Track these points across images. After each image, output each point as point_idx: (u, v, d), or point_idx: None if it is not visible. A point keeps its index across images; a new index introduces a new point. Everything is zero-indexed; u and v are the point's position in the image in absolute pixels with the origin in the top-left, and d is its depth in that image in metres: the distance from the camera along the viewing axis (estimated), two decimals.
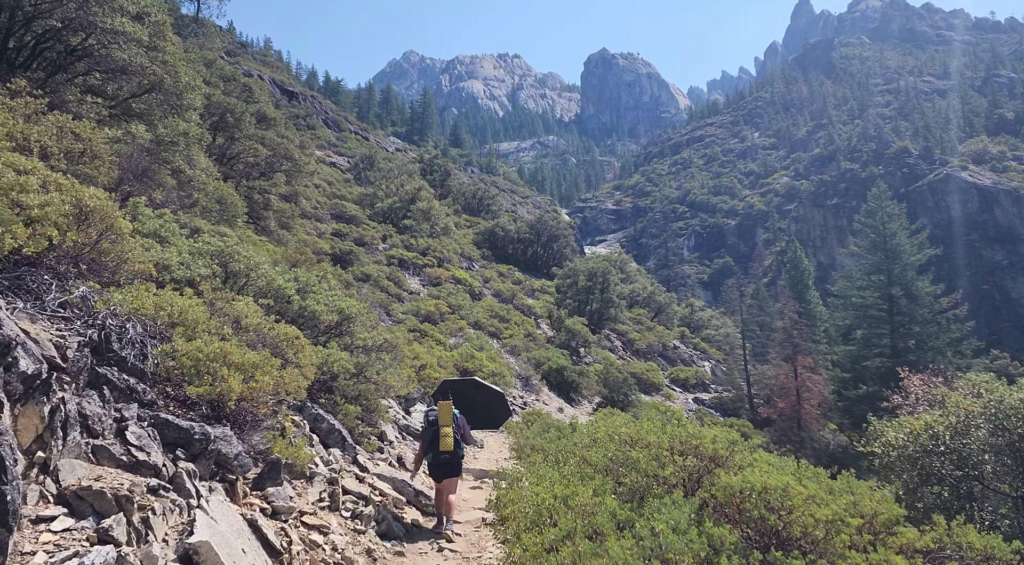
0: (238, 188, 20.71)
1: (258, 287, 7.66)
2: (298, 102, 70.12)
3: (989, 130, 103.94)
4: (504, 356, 30.90)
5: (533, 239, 57.39)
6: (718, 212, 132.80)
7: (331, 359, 8.25)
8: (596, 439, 5.56)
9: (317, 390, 8.37)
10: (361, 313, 9.48)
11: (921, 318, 38.68)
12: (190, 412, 4.91)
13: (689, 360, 51.54)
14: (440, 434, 7.65)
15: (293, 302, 8.44)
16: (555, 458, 6.08)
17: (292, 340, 6.42)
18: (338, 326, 9.18)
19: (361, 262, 35.15)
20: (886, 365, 39.70)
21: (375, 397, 8.92)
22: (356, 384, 8.73)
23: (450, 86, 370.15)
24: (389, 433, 10.18)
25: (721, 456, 4.52)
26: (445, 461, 7.65)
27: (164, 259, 6.19)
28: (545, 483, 4.53)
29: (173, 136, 13.67)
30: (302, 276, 9.27)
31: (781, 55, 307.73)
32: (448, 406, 7.88)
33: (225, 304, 5.82)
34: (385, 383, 9.13)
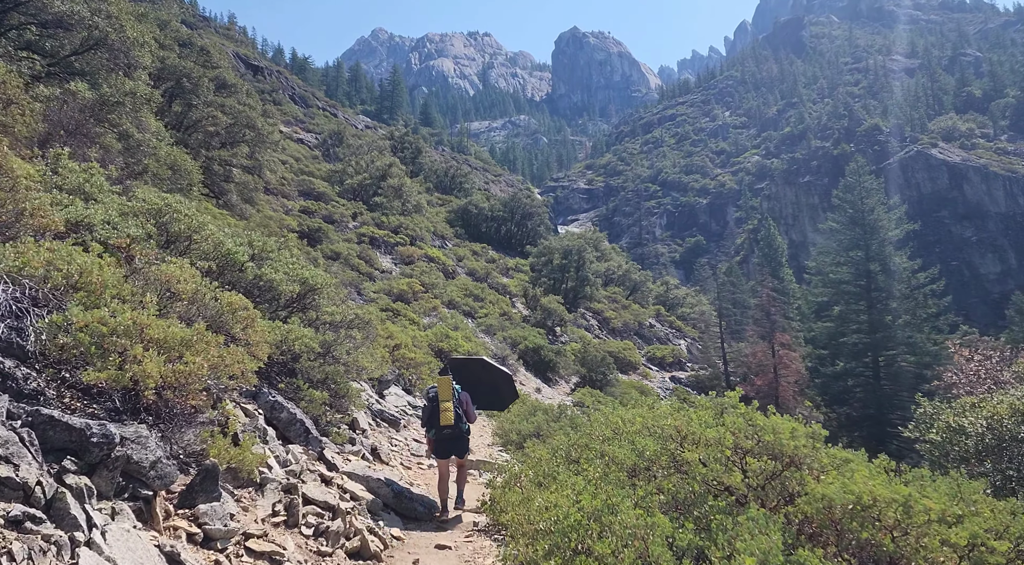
0: (196, 158, 19.35)
1: (203, 252, 6.54)
2: (263, 77, 67.87)
3: (957, 108, 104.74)
4: (480, 335, 29.96)
5: (507, 217, 56.31)
6: (690, 191, 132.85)
7: (292, 336, 7.09)
8: (618, 431, 4.62)
9: (277, 373, 7.29)
10: (328, 284, 8.34)
11: (899, 294, 38.42)
12: (94, 406, 3.86)
13: (665, 338, 51.14)
14: (440, 408, 7.53)
15: (247, 270, 7.25)
16: (565, 454, 5.08)
17: (238, 312, 5.42)
18: (301, 299, 8.03)
19: (331, 240, 33.86)
20: (863, 341, 39.51)
21: (344, 380, 7.82)
22: (322, 366, 7.62)
23: (420, 65, 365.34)
24: (362, 421, 9.13)
25: (803, 456, 3.57)
26: (447, 436, 7.52)
27: (83, 216, 5.06)
28: (565, 491, 3.59)
29: (119, 95, 12.33)
30: (257, 241, 8.12)
31: (751, 34, 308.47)
32: (448, 381, 7.72)
33: (148, 265, 4.69)
34: (356, 364, 8.07)
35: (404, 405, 13.14)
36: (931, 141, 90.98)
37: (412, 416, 12.84)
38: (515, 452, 10.70)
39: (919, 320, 38.54)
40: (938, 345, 38.31)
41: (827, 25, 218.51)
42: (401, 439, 10.42)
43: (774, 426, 3.55)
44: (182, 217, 6.21)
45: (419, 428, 12.09)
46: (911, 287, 39.64)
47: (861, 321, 39.39)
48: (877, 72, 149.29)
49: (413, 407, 13.71)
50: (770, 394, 39.21)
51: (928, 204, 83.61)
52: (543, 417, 12.25)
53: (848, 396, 39.62)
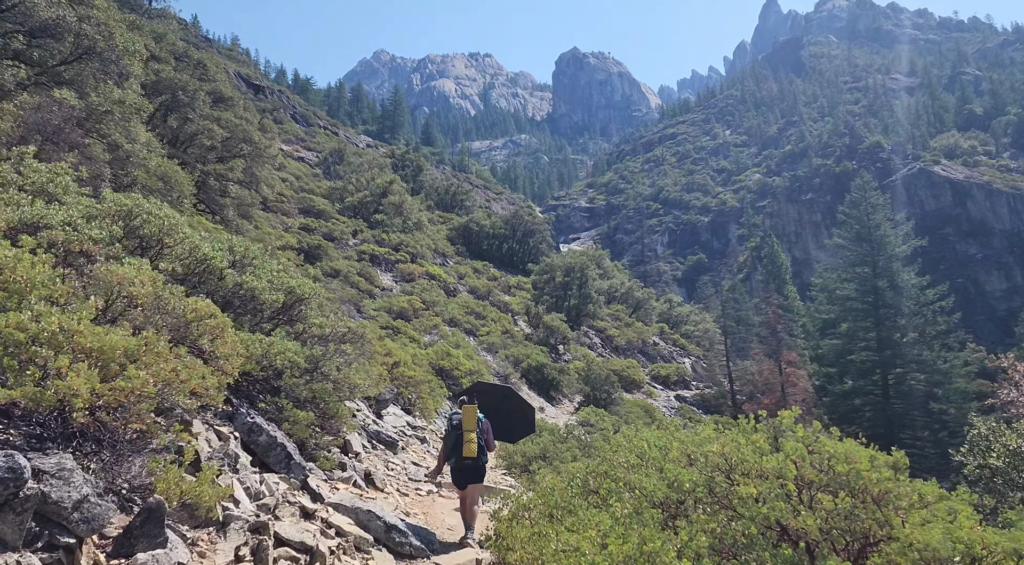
0: (192, 173, 18.88)
1: (176, 256, 5.98)
2: (265, 96, 67.80)
3: (959, 126, 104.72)
4: (481, 353, 29.37)
5: (508, 235, 55.82)
6: (691, 209, 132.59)
7: (273, 350, 6.38)
8: (644, 457, 4.01)
9: (259, 391, 6.71)
10: (317, 294, 7.72)
11: (908, 311, 37.85)
12: (11, 431, 3.16)
13: (669, 357, 50.38)
14: (464, 439, 7.30)
15: (226, 278, 6.68)
16: (582, 482, 4.43)
17: (205, 320, 4.82)
18: (287, 310, 7.45)
19: (330, 257, 33.36)
20: (871, 359, 38.88)
21: (334, 399, 7.17)
22: (309, 383, 7.00)
23: (421, 85, 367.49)
24: (355, 443, 8.48)
25: (885, 491, 2.93)
26: (468, 466, 7.35)
27: (39, 217, 4.50)
28: (589, 531, 2.99)
29: (107, 104, 11.85)
30: (239, 246, 7.52)
31: (751, 54, 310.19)
32: (473, 410, 7.47)
33: (101, 267, 4.10)
34: (348, 381, 7.40)
35: (403, 426, 12.52)
36: (934, 158, 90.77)
37: (411, 437, 12.23)
38: (521, 476, 10.06)
39: (928, 337, 37.93)
40: (948, 363, 37.68)
41: (826, 45, 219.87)
42: (398, 462, 9.77)
43: (847, 453, 2.95)
44: (153, 219, 5.63)
45: (417, 450, 11.49)
46: (920, 304, 39.06)
47: (869, 338, 38.80)
48: (877, 91, 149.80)
49: (412, 427, 13.11)
50: (777, 413, 38.49)
51: (932, 221, 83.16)
52: (549, 438, 11.61)
53: (857, 415, 38.91)
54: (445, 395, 18.67)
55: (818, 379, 41.16)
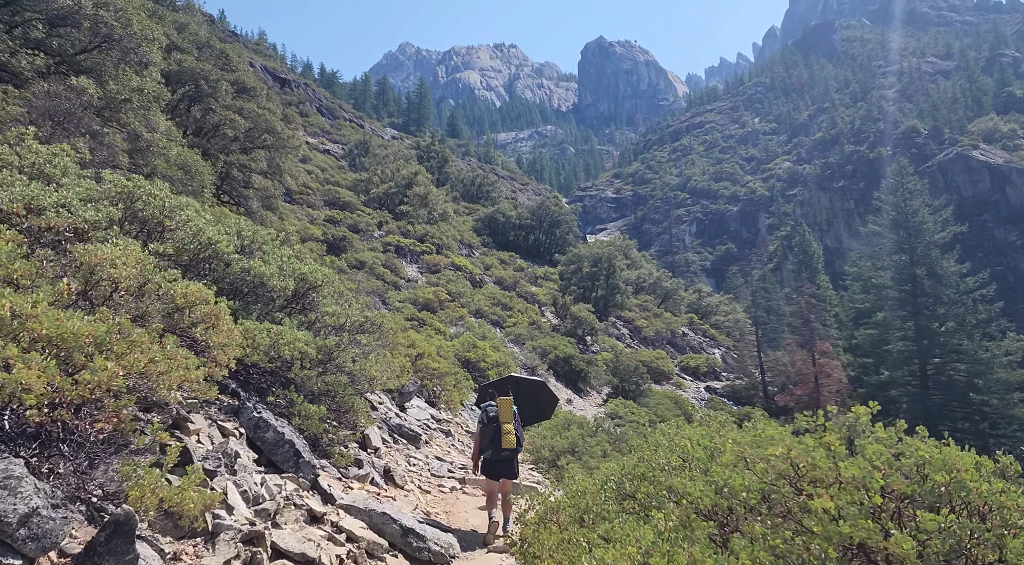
0: (216, 165, 18.72)
1: (179, 240, 5.68)
2: (290, 89, 67.96)
3: (998, 109, 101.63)
4: (508, 345, 29.03)
5: (535, 225, 55.34)
6: (720, 198, 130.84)
7: (282, 340, 5.97)
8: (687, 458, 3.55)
9: (268, 384, 6.43)
10: (331, 281, 7.37)
11: (947, 299, 36.65)
12: None
13: (698, 347, 49.65)
14: (502, 431, 7.43)
15: (233, 264, 6.28)
16: (616, 486, 3.97)
17: (196, 306, 4.43)
18: (300, 299, 7.17)
19: (355, 249, 33.22)
20: (909, 349, 37.82)
21: (348, 392, 6.74)
22: (322, 375, 6.61)
23: (446, 77, 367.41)
24: (374, 438, 8.11)
25: (997, 505, 2.45)
26: (506, 458, 7.48)
27: (28, 198, 4.19)
28: (627, 548, 2.59)
29: (126, 92, 11.63)
30: (247, 230, 7.21)
31: (780, 40, 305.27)
32: (508, 402, 7.58)
33: (78, 246, 3.72)
34: (365, 373, 6.97)
35: (426, 419, 12.19)
36: (972, 143, 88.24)
37: (435, 431, 11.89)
38: (549, 472, 9.67)
39: (969, 326, 36.73)
40: (989, 352, 36.52)
41: (859, 28, 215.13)
42: (420, 457, 9.41)
43: (948, 459, 2.48)
44: (153, 200, 5.30)
45: (441, 444, 11.16)
46: (960, 292, 37.81)
47: (907, 328, 37.72)
48: (912, 75, 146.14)
49: (437, 420, 12.78)
50: (810, 404, 37.64)
51: (970, 207, 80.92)
52: (578, 432, 11.19)
53: (894, 407, 37.90)
54: (471, 387, 18.34)
55: (853, 370, 40.17)
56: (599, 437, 10.65)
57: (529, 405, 8.93)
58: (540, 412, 9.51)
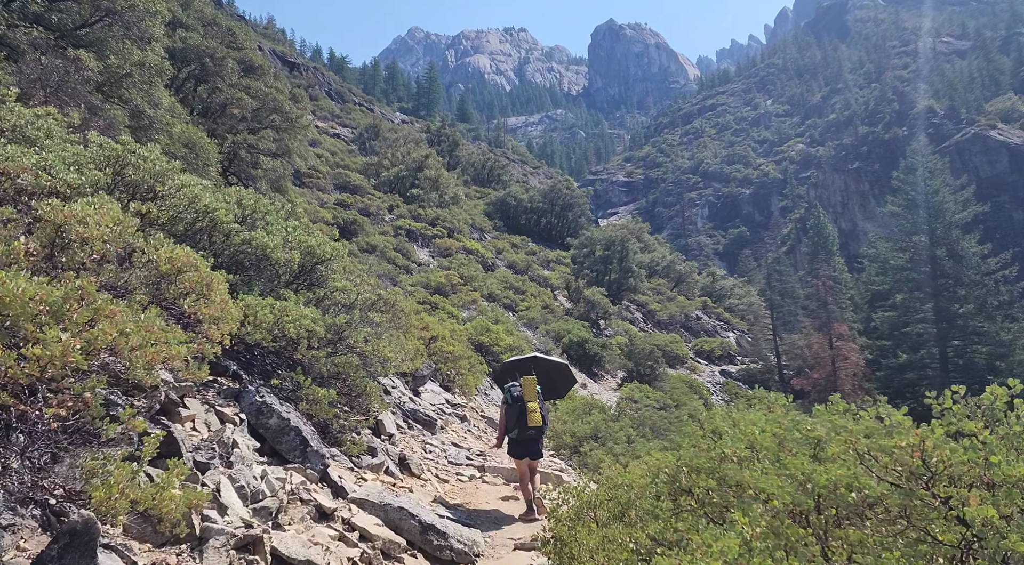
0: (223, 144, 18.32)
1: (173, 207, 5.27)
2: (300, 73, 67.40)
3: (1015, 88, 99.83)
4: (521, 329, 28.67)
5: (547, 208, 54.78)
6: (732, 181, 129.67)
7: (287, 317, 5.50)
8: (754, 446, 3.06)
9: (275, 365, 6.02)
10: (341, 256, 6.96)
11: (968, 280, 35.89)
12: None
13: (713, 331, 49.15)
14: (527, 409, 7.48)
15: (233, 235, 5.79)
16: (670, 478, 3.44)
17: (183, 274, 3.89)
18: (308, 274, 6.74)
19: (366, 232, 32.87)
20: (928, 331, 37.18)
21: (360, 374, 6.28)
22: (331, 356, 6.13)
23: (456, 62, 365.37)
24: (388, 423, 7.69)
25: None
26: (532, 437, 7.50)
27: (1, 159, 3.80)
28: (706, 562, 2.16)
29: (127, 66, 11.22)
30: (249, 199, 6.66)
31: (792, 21, 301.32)
32: (532, 381, 7.64)
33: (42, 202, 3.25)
34: (378, 355, 6.52)
35: (441, 403, 11.81)
36: (989, 123, 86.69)
37: (450, 416, 11.52)
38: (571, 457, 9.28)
39: (990, 308, 36.00)
40: (1012, 334, 35.85)
41: (873, 8, 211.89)
42: (437, 444, 9.02)
43: None
44: (143, 164, 4.85)
45: (457, 429, 10.79)
46: (981, 273, 37.04)
47: (926, 310, 37.05)
48: (927, 55, 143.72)
49: (452, 405, 12.40)
50: (828, 388, 37.11)
51: (987, 188, 79.48)
52: (600, 416, 10.78)
53: (912, 390, 37.32)
54: (485, 371, 17.98)
55: (870, 352, 39.54)
56: (622, 422, 10.25)
57: (546, 383, 8.96)
58: (555, 391, 9.48)
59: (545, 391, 8.92)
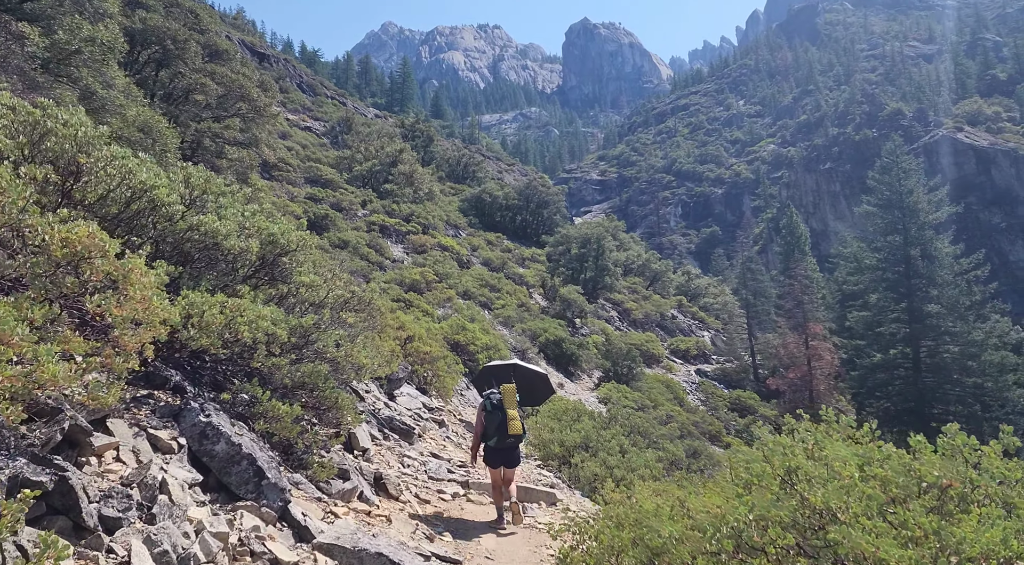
0: (186, 133, 17.39)
1: (103, 185, 4.45)
2: (270, 65, 65.88)
3: (981, 91, 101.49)
4: (497, 328, 28.03)
5: (522, 205, 54.16)
6: (705, 181, 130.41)
7: (240, 318, 4.55)
8: (851, 491, 2.43)
9: (225, 377, 5.19)
10: (307, 246, 6.07)
11: (941, 280, 36.02)
12: None
13: (688, 330, 49.00)
14: (507, 417, 7.36)
15: (177, 220, 4.90)
16: (737, 531, 2.73)
17: (87, 260, 2.99)
18: (267, 267, 5.72)
19: (338, 228, 31.96)
20: (902, 331, 37.28)
21: (331, 385, 5.38)
22: (296, 364, 5.30)
23: (430, 58, 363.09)
24: (362, 437, 7.01)
25: None
26: (511, 446, 7.41)
27: None
28: None
29: (77, 42, 10.34)
30: (198, 177, 5.60)
31: (764, 22, 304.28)
32: (512, 390, 7.52)
33: None
34: (352, 361, 5.72)
35: (418, 408, 11.11)
36: (956, 125, 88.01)
37: (428, 421, 10.82)
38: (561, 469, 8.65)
39: (962, 308, 36.19)
40: (983, 334, 36.07)
41: (841, 12, 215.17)
42: (415, 456, 8.30)
43: None
44: (64, 131, 4.02)
45: (435, 436, 10.12)
46: (954, 273, 37.21)
47: (900, 309, 37.14)
48: (894, 58, 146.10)
49: (429, 409, 11.72)
50: (803, 388, 37.12)
51: (955, 190, 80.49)
52: (590, 424, 10.16)
53: (887, 389, 37.43)
54: (461, 371, 17.33)
55: (845, 352, 39.62)
56: (613, 430, 9.66)
57: (524, 391, 8.70)
58: (533, 399, 9.29)
59: (523, 398, 8.69)
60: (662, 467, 9.14)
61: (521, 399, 8.54)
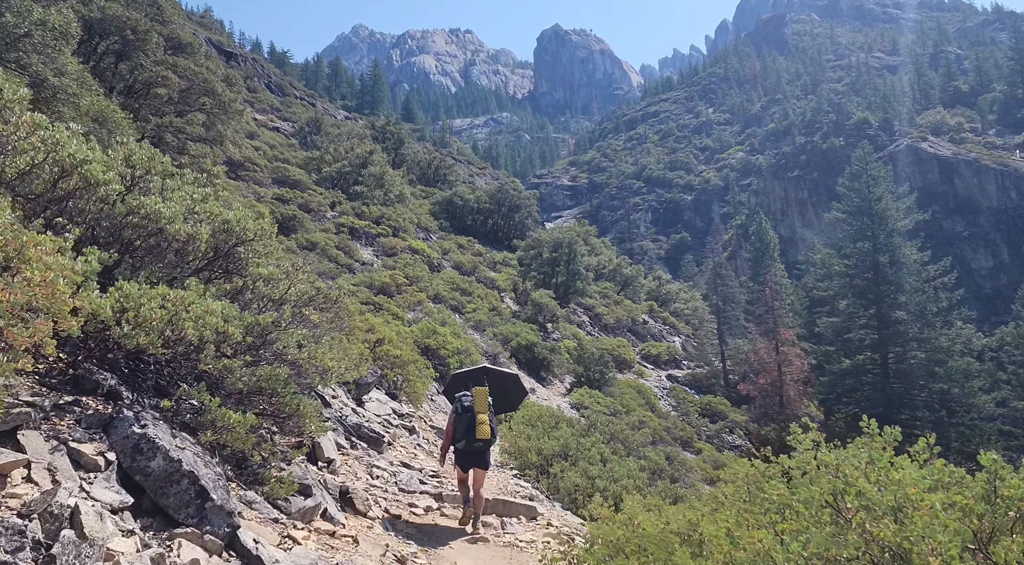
0: (146, 127, 16.68)
1: (25, 160, 3.80)
2: (237, 64, 64.71)
3: (945, 102, 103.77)
4: (469, 332, 27.55)
5: (493, 209, 53.78)
6: (675, 187, 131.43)
7: (185, 314, 3.98)
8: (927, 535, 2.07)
9: (170, 381, 4.54)
10: (265, 235, 5.49)
11: (909, 287, 36.40)
12: None
13: (659, 335, 48.95)
14: (476, 421, 7.30)
15: (115, 202, 4.29)
16: None
17: None
18: (221, 258, 5.09)
19: (306, 229, 31.27)
20: (870, 337, 37.59)
21: (291, 391, 4.70)
22: (251, 366, 4.64)
23: (401, 61, 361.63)
24: (326, 447, 6.41)
25: None
26: (479, 450, 7.31)
27: None
28: None
29: (25, 25, 9.71)
30: (140, 154, 4.92)
31: (732, 32, 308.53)
32: (484, 392, 7.47)
33: None
34: (317, 364, 5.04)
35: (387, 414, 10.61)
36: (921, 135, 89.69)
37: (398, 427, 10.33)
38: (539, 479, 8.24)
39: (930, 314, 36.61)
40: (950, 340, 36.50)
41: (808, 23, 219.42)
42: (385, 466, 7.79)
43: None
44: None
45: (406, 444, 9.65)
46: (922, 280, 37.64)
47: (868, 315, 37.46)
48: (860, 69, 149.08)
49: (399, 415, 11.23)
50: (774, 393, 37.17)
51: (919, 198, 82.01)
52: (569, 431, 9.73)
53: (855, 395, 37.66)
54: (432, 376, 16.85)
55: (814, 358, 39.83)
56: (593, 437, 9.25)
57: (497, 394, 8.56)
58: (507, 402, 9.11)
59: (497, 403, 8.57)
60: (645, 477, 8.78)
61: (496, 403, 8.49)
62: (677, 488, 9.67)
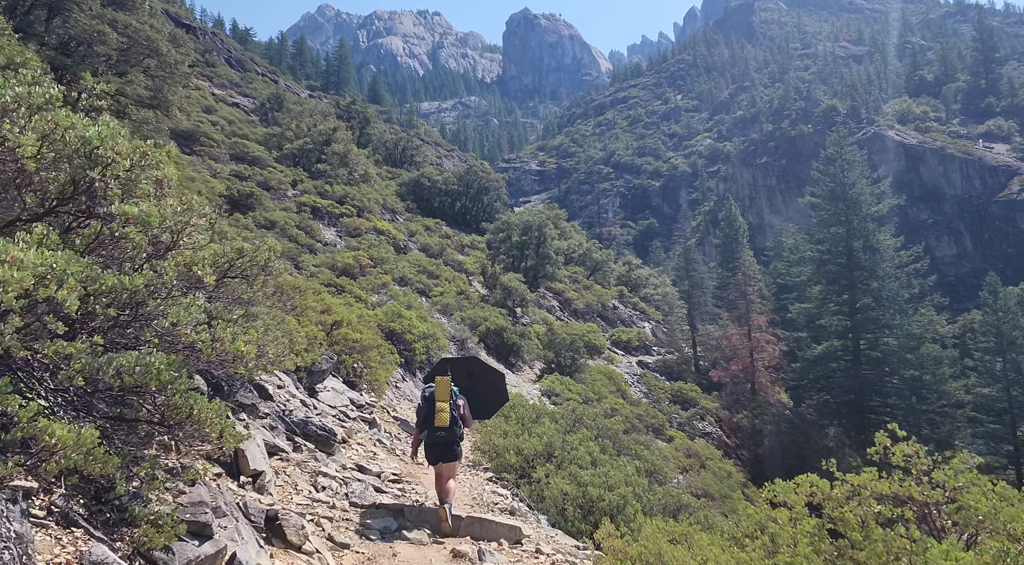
0: (75, 84, 15.10)
1: None
2: (196, 37, 62.05)
3: (910, 91, 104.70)
4: (435, 315, 26.39)
5: (461, 191, 52.46)
6: (643, 173, 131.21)
7: None
8: None
9: None
10: (157, 161, 3.62)
11: (882, 273, 36.06)
12: None
13: (629, 321, 48.29)
14: (435, 409, 7.11)
15: None
16: None
17: None
18: (86, 192, 3.34)
19: (265, 207, 29.72)
20: (843, 323, 37.26)
21: (182, 386, 3.09)
22: (108, 352, 2.94)
23: (368, 42, 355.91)
24: (254, 456, 4.88)
25: None
26: (441, 439, 7.10)
27: None
28: None
29: None
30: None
31: (701, 19, 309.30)
32: (446, 382, 7.25)
33: None
34: (227, 350, 3.40)
35: (344, 405, 9.41)
36: (887, 123, 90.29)
37: (356, 420, 9.16)
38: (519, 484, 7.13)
39: (902, 301, 36.35)
40: (921, 327, 36.31)
41: (776, 11, 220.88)
42: (334, 472, 6.52)
43: None
44: None
45: (364, 440, 8.51)
46: (895, 266, 37.35)
47: (841, 301, 37.10)
48: (827, 58, 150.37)
49: (358, 406, 10.06)
50: (745, 380, 36.69)
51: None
52: (552, 427, 8.62)
53: (827, 381, 37.35)
54: (396, 361, 15.69)
55: (786, 344, 39.43)
56: (580, 434, 8.17)
57: (488, 390, 8.14)
58: (499, 396, 8.54)
59: (483, 398, 8.19)
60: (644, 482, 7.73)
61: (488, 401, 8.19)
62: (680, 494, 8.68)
